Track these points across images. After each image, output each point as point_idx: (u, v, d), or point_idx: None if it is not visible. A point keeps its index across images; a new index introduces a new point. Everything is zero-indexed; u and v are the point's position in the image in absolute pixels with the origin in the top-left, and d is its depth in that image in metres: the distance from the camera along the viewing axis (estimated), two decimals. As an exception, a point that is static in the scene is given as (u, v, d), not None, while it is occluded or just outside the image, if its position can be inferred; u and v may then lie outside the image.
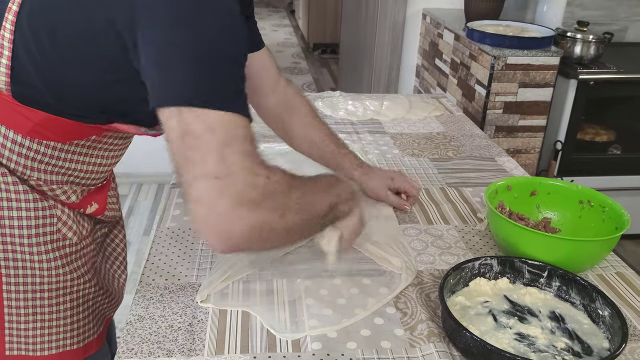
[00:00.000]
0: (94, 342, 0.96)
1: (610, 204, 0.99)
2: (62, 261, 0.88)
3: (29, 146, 0.80)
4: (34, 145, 0.80)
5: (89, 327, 0.94)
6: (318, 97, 1.76)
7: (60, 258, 0.87)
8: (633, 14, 2.69)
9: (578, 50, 2.21)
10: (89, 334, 0.94)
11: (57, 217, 0.86)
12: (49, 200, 0.86)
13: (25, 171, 0.82)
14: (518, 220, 1.01)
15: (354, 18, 3.42)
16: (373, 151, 1.41)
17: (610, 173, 2.42)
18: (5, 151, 0.80)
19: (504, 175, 1.31)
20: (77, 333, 0.92)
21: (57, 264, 0.87)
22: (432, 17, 2.54)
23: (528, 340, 0.78)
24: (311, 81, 4.81)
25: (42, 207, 0.84)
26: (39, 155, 0.81)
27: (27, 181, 0.84)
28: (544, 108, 2.06)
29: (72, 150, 0.84)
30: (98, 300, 0.96)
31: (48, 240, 0.85)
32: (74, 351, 0.92)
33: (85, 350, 0.94)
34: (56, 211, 0.86)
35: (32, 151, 0.81)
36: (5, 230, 0.82)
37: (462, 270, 0.87)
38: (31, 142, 0.80)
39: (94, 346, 0.96)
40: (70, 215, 0.88)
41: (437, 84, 2.50)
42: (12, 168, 0.82)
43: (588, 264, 0.95)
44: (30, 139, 0.80)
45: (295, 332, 0.80)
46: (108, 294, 1.01)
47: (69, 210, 0.89)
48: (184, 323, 0.82)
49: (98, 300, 0.96)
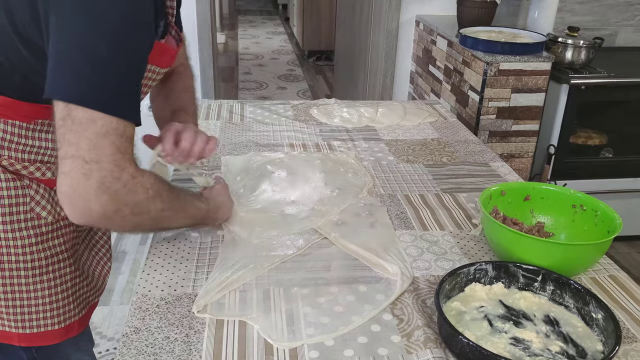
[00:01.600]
0: (75, 324, 0.98)
1: (602, 208, 1.00)
2: (36, 239, 0.90)
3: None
4: (1, 125, 0.84)
5: (69, 309, 0.96)
6: (313, 105, 1.77)
7: (35, 236, 0.90)
8: (623, 19, 2.72)
9: (569, 56, 2.24)
10: (70, 314, 0.96)
11: (31, 196, 0.89)
12: (24, 179, 0.89)
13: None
14: (512, 225, 1.02)
15: (348, 25, 3.44)
16: (368, 158, 1.42)
17: (602, 176, 2.44)
18: None
19: (498, 180, 1.32)
20: (57, 313, 0.94)
21: (30, 241, 0.89)
22: (425, 23, 2.56)
23: (523, 345, 0.79)
24: (306, 88, 4.83)
25: (14, 186, 0.87)
26: (7, 135, 0.85)
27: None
28: (536, 113, 2.08)
29: (37, 129, 0.87)
30: (77, 282, 0.98)
31: (22, 219, 0.88)
32: (55, 331, 0.95)
33: (67, 332, 0.97)
34: (29, 191, 0.89)
35: (0, 131, 0.84)
36: None
37: (458, 276, 0.88)
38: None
39: (76, 328, 0.98)
40: (44, 195, 0.91)
41: (431, 90, 2.52)
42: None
43: (581, 267, 0.96)
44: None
45: (292, 340, 0.81)
46: (90, 280, 1.02)
47: (45, 191, 0.91)
48: (180, 334, 0.82)
49: (77, 282, 0.98)
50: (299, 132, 1.56)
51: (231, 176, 1.27)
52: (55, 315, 0.94)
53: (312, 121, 1.65)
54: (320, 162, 1.34)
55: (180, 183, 1.22)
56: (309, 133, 1.56)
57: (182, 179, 1.23)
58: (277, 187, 1.20)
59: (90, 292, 1.02)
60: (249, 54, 5.86)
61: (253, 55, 5.79)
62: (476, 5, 2.30)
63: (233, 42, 6.32)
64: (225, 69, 5.19)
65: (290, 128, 1.59)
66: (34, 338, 0.94)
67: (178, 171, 1.25)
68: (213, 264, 0.97)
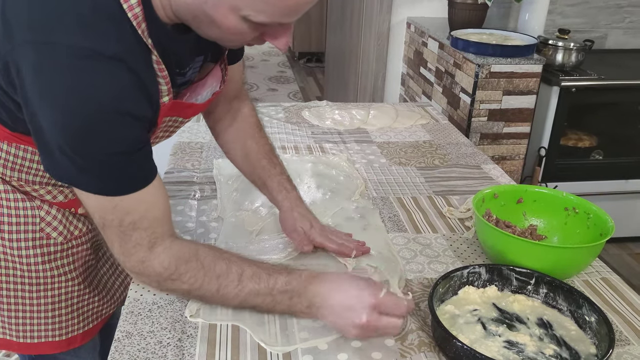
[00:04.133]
0: (78, 337, 0.99)
1: (594, 211, 1.01)
2: (44, 258, 0.92)
3: (7, 150, 0.85)
4: (12, 150, 0.85)
5: (72, 323, 0.98)
6: (305, 107, 1.77)
7: (42, 255, 0.92)
8: (612, 21, 2.74)
9: (560, 58, 2.25)
10: (73, 329, 0.98)
11: (41, 217, 0.90)
12: (35, 200, 0.90)
13: (6, 172, 0.87)
14: (505, 228, 1.02)
15: (339, 27, 3.44)
16: (360, 160, 1.42)
17: (592, 178, 2.45)
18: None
19: (490, 183, 1.33)
20: (58, 327, 0.96)
21: (37, 260, 0.91)
22: (416, 25, 2.56)
23: (517, 348, 0.79)
24: (297, 90, 4.82)
25: (23, 207, 0.89)
26: (18, 159, 0.86)
27: (9, 182, 0.88)
28: (527, 115, 2.08)
29: None
30: (85, 298, 0.99)
31: (29, 238, 0.90)
32: (56, 343, 0.96)
33: (69, 343, 0.98)
34: (40, 212, 0.90)
35: (10, 155, 0.85)
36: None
37: (451, 279, 0.88)
38: (9, 147, 0.84)
39: (78, 340, 0.99)
40: (56, 216, 0.92)
41: (423, 92, 2.52)
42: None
43: (574, 270, 0.96)
44: (8, 143, 0.84)
45: (286, 345, 0.80)
46: (105, 293, 1.04)
47: (57, 212, 0.92)
48: (173, 339, 0.81)
49: (85, 298, 0.99)
50: (291, 134, 1.56)
51: (223, 179, 1.26)
52: (57, 328, 0.96)
53: (303, 123, 1.65)
54: (312, 165, 1.34)
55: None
56: (301, 135, 1.56)
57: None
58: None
59: (104, 305, 1.03)
60: (240, 55, 5.84)
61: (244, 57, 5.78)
62: (467, 8, 2.30)
63: (224, 44, 6.30)
64: (216, 70, 5.17)
65: (282, 130, 1.58)
66: (31, 347, 0.95)
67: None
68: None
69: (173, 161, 1.36)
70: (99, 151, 0.69)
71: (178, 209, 1.15)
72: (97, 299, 1.01)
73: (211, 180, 1.27)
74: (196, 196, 1.20)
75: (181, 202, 1.17)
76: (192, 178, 1.28)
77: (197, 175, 1.29)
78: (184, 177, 1.28)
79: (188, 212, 1.14)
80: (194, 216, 1.13)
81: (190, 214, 1.13)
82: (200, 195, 1.20)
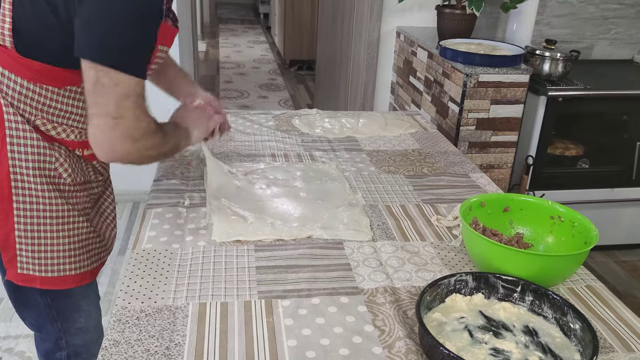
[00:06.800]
0: (88, 273, 1.14)
1: (579, 220, 1.02)
2: (58, 194, 1.05)
3: (33, 89, 0.98)
4: (37, 89, 0.98)
5: (83, 258, 1.12)
6: (295, 115, 1.78)
7: (55, 191, 1.05)
8: (598, 32, 2.79)
9: (547, 68, 2.28)
10: (84, 264, 1.12)
11: (56, 157, 1.03)
12: (53, 142, 1.03)
13: (32, 111, 0.99)
14: (492, 236, 1.03)
15: (329, 35, 3.46)
16: (349, 168, 1.43)
17: (579, 186, 2.49)
18: (15, 94, 0.98)
19: (477, 191, 1.34)
20: (73, 261, 1.09)
21: (53, 195, 1.04)
22: (406, 35, 2.58)
23: (503, 355, 0.79)
24: (288, 97, 4.83)
25: (43, 145, 1.01)
26: (41, 98, 0.99)
27: (32, 122, 1.00)
28: (515, 124, 2.11)
29: (67, 95, 1.01)
30: (90, 237, 1.13)
31: (47, 175, 1.03)
32: (72, 277, 1.10)
33: (82, 279, 1.12)
34: (54, 152, 1.03)
35: (35, 94, 0.99)
36: (15, 163, 1.00)
37: (438, 287, 0.89)
38: (34, 86, 0.98)
39: (88, 277, 1.14)
40: (67, 159, 1.05)
41: (412, 101, 2.54)
42: (21, 109, 0.99)
43: (560, 278, 0.97)
44: (33, 83, 0.97)
45: (273, 352, 0.80)
46: (101, 238, 1.17)
47: (67, 154, 1.05)
48: (160, 347, 0.81)
49: (90, 237, 1.13)
50: (281, 142, 1.57)
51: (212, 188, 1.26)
52: (72, 262, 1.09)
53: (293, 131, 1.65)
54: (302, 173, 1.35)
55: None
56: (291, 143, 1.56)
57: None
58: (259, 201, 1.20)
59: (101, 249, 1.18)
60: (230, 62, 5.85)
61: (234, 64, 5.78)
62: (456, 18, 2.33)
63: (214, 51, 6.30)
64: (206, 78, 5.17)
65: (272, 138, 1.59)
66: (52, 281, 1.08)
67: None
68: (194, 275, 0.97)
69: (162, 169, 1.36)
70: (141, 22, 0.91)
71: (167, 216, 1.15)
72: (98, 240, 1.15)
73: (200, 188, 1.27)
74: (185, 204, 1.20)
75: (170, 209, 1.17)
76: (181, 185, 1.28)
77: (186, 183, 1.29)
78: (173, 185, 1.28)
79: (177, 220, 1.14)
80: (182, 224, 1.13)
81: (179, 221, 1.13)
82: (189, 203, 1.20)
